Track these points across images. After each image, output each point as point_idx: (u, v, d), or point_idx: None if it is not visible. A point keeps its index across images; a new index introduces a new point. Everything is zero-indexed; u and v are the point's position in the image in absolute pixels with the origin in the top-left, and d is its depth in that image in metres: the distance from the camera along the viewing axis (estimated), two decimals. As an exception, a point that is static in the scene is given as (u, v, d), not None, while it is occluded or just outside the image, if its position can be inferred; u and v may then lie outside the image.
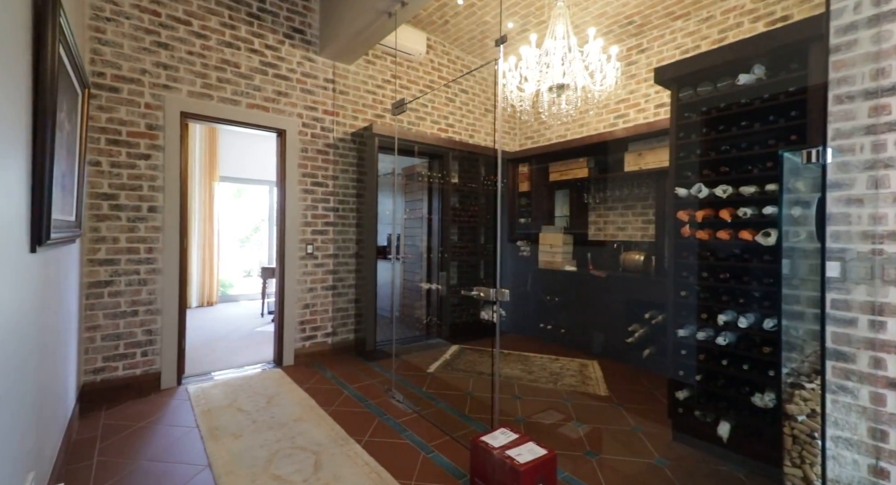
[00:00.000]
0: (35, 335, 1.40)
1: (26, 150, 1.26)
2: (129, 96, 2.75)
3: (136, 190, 2.78)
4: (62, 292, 1.90)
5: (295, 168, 3.47)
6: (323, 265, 3.63)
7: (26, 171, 1.25)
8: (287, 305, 3.43)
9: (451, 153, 4.13)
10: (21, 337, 1.25)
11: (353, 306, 3.82)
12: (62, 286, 1.90)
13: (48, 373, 1.61)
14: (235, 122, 3.18)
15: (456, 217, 4.25)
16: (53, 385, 1.73)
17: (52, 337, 1.68)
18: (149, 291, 2.82)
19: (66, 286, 2.04)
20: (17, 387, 1.20)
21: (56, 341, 1.77)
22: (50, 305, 1.63)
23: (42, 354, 1.50)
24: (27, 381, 1.32)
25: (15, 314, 1.18)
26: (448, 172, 4.11)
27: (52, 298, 1.66)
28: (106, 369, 2.67)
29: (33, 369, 1.38)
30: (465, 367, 3.39)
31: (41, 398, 1.50)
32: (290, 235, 3.44)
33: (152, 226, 2.84)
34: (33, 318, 1.37)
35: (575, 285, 3.92)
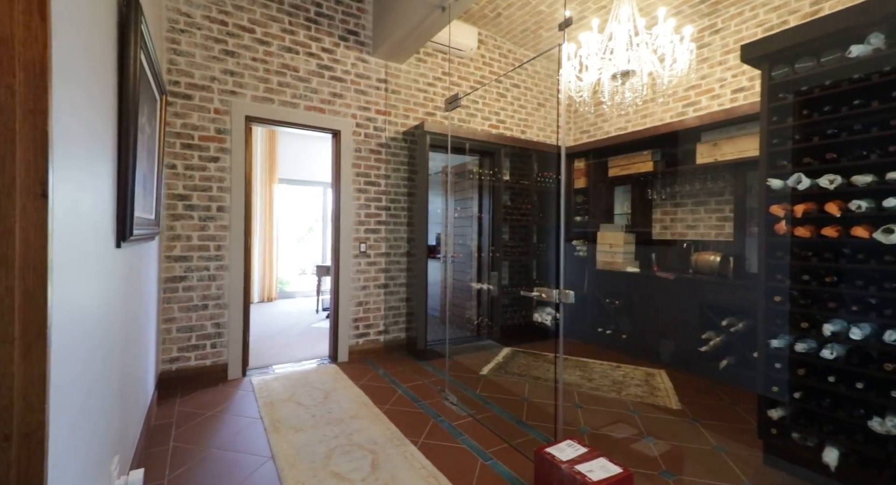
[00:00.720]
0: (120, 325, 1.49)
1: (112, 152, 1.33)
2: (201, 103, 2.92)
3: (206, 191, 2.94)
4: (143, 286, 2.03)
5: (349, 167, 3.52)
6: (375, 264, 3.66)
7: (112, 172, 1.32)
8: (341, 303, 3.50)
9: (503, 150, 4.01)
10: (108, 326, 1.32)
11: (404, 305, 3.82)
12: (143, 280, 2.03)
13: (131, 360, 1.71)
14: (294, 124, 3.28)
15: (507, 216, 4.12)
16: (136, 372, 1.85)
17: (134, 327, 1.78)
18: (217, 287, 2.98)
19: (147, 280, 2.18)
20: (105, 372, 1.27)
21: (138, 331, 1.88)
22: (132, 297, 1.73)
23: (126, 342, 1.59)
24: (113, 367, 1.39)
25: (103, 305, 1.25)
26: (500, 169, 4.00)
27: (133, 291, 1.77)
28: (180, 359, 2.85)
29: (118, 356, 1.46)
30: (519, 370, 3.26)
31: (125, 384, 1.60)
32: (344, 233, 3.50)
33: (220, 225, 2.99)
34: (118, 309, 1.45)
35: (638, 288, 3.65)
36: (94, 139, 1.12)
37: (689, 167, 3.48)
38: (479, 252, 4.15)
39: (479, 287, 3.91)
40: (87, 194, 1.07)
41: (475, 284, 3.96)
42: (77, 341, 1.00)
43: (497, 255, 3.99)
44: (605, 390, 2.87)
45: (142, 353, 2.03)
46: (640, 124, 4.15)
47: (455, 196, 4.62)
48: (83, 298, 1.05)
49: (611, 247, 3.87)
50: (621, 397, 2.76)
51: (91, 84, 1.09)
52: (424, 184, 3.64)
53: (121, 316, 1.49)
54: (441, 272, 4.76)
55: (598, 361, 3.48)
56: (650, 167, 3.69)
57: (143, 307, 2.04)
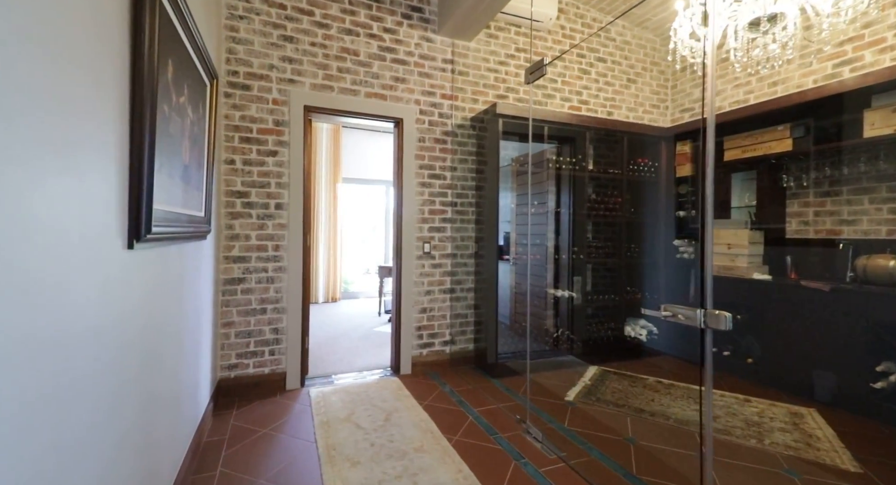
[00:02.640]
0: (140, 339, 1.23)
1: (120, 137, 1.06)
2: (259, 93, 2.74)
3: (264, 187, 2.76)
4: (188, 289, 1.82)
5: (412, 159, 3.18)
6: (440, 266, 3.28)
7: (119, 159, 1.04)
8: (404, 309, 3.16)
9: (588, 133, 3.42)
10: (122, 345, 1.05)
11: (471, 313, 3.39)
12: (189, 283, 1.82)
13: (162, 379, 1.47)
14: (354, 113, 3.01)
15: (591, 211, 3.52)
16: (172, 391, 1.62)
17: (169, 338, 1.55)
18: (276, 289, 2.79)
19: (197, 283, 1.99)
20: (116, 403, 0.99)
21: (176, 342, 1.66)
22: (163, 305, 1.49)
23: (150, 358, 1.34)
24: (130, 393, 1.13)
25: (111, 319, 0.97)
26: (584, 156, 3.42)
27: (167, 297, 1.53)
28: (239, 366, 2.69)
29: (134, 379, 1.19)
30: (614, 398, 2.67)
31: (151, 411, 1.34)
32: (406, 231, 3.16)
33: (278, 223, 2.80)
34: (138, 320, 1.19)
35: (770, 300, 2.86)
36: (88, 118, 0.83)
37: (850, 143, 2.64)
38: (556, 253, 3.60)
39: (560, 295, 3.36)
40: (68, 180, 0.77)
41: (553, 290, 3.41)
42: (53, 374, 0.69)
43: (580, 257, 3.41)
44: (739, 435, 2.19)
45: (185, 365, 1.81)
46: (768, 94, 3.31)
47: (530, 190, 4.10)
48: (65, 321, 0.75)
49: (729, 248, 3.11)
50: (765, 447, 2.08)
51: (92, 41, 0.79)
52: (495, 176, 3.19)
53: (141, 329, 1.23)
54: (511, 276, 4.27)
55: (718, 392, 2.77)
56: (788, 146, 2.87)
57: (189, 314, 1.83)
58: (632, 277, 3.62)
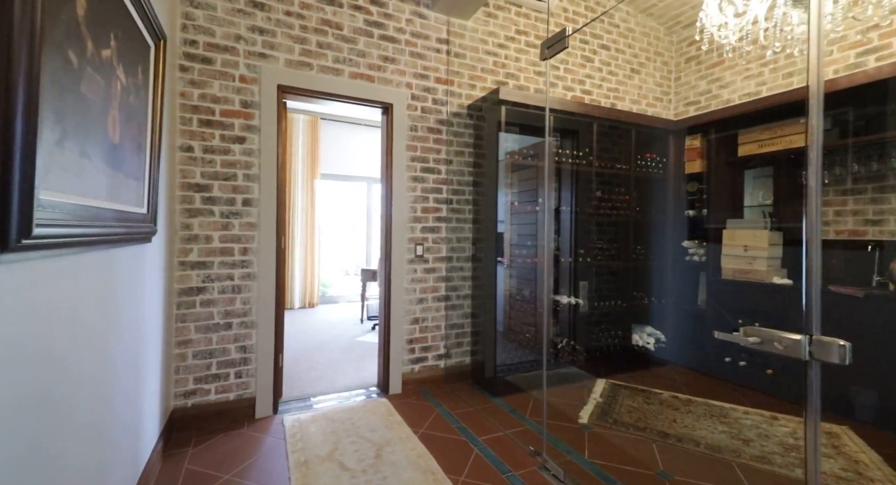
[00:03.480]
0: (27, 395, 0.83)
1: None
2: (223, 68, 2.31)
3: (229, 179, 2.34)
4: (124, 306, 1.40)
5: (402, 151, 2.81)
6: (434, 270, 2.93)
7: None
8: (394, 320, 2.79)
9: (595, 125, 3.14)
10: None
11: (468, 323, 3.06)
12: (124, 298, 1.41)
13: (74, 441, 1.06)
14: (337, 96, 2.62)
15: (597, 210, 3.24)
16: (94, 450, 1.20)
17: (86, 383, 1.14)
18: (243, 300, 2.37)
19: (138, 296, 1.57)
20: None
21: (98, 381, 1.24)
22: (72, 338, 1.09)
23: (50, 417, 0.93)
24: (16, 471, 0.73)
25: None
26: (591, 150, 3.13)
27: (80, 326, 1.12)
28: (198, 392, 2.26)
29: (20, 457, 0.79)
30: (632, 419, 2.39)
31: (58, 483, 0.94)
32: (397, 232, 2.80)
33: (247, 223, 2.38)
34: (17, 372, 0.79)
35: (792, 306, 2.65)
36: None
37: (879, 137, 2.44)
38: (557, 255, 3.31)
39: (565, 301, 3.07)
40: None
41: (557, 296, 3.11)
42: None
43: (587, 259, 3.13)
44: (780, 463, 1.94)
45: (119, 405, 1.40)
46: (783, 85, 3.11)
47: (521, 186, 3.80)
48: None
49: (746, 250, 2.88)
50: (812, 479, 1.83)
51: None
52: (494, 171, 2.87)
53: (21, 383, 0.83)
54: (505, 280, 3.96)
55: (740, 407, 2.53)
56: (811, 140, 2.66)
57: (128, 335, 1.42)
58: (638, 281, 3.37)
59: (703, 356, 3.15)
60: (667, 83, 3.93)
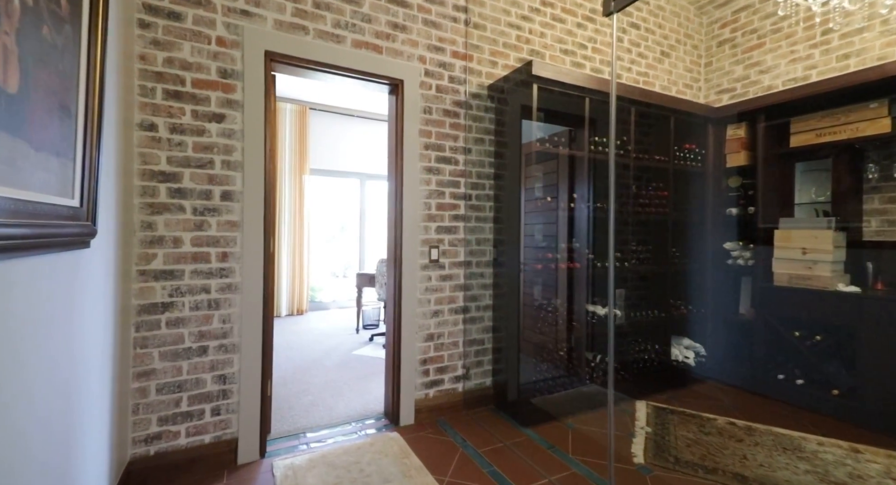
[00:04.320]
0: None
1: None
2: (196, 26, 1.84)
3: (204, 167, 1.87)
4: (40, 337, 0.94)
5: (415, 136, 2.38)
6: (451, 278, 2.51)
7: None
8: (405, 337, 2.36)
9: (633, 110, 2.76)
10: None
11: (489, 338, 2.64)
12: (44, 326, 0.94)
13: None
14: (338, 68, 2.16)
15: (633, 207, 2.87)
16: None
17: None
18: (222, 318, 1.90)
19: (65, 320, 1.10)
20: None
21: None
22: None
23: None
24: None
25: None
26: (629, 139, 2.75)
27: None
28: (163, 435, 1.78)
29: None
30: (695, 456, 2.00)
31: None
32: (408, 233, 2.36)
33: (227, 221, 1.91)
34: None
35: (861, 317, 2.32)
36: None
37: (972, 123, 2.12)
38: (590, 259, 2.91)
39: (602, 312, 2.68)
40: None
41: (593, 307, 2.72)
42: None
43: (626, 264, 2.75)
44: (895, 519, 1.58)
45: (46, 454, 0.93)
46: (837, 68, 2.79)
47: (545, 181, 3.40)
48: None
49: (804, 253, 2.54)
50: (943, 540, 1.47)
51: None
52: (517, 161, 2.47)
53: None
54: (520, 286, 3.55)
55: (812, 437, 2.18)
56: (884, 127, 2.33)
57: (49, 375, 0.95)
58: (675, 287, 3.00)
59: (751, 373, 2.80)
60: (697, 69, 3.59)
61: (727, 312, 3.04)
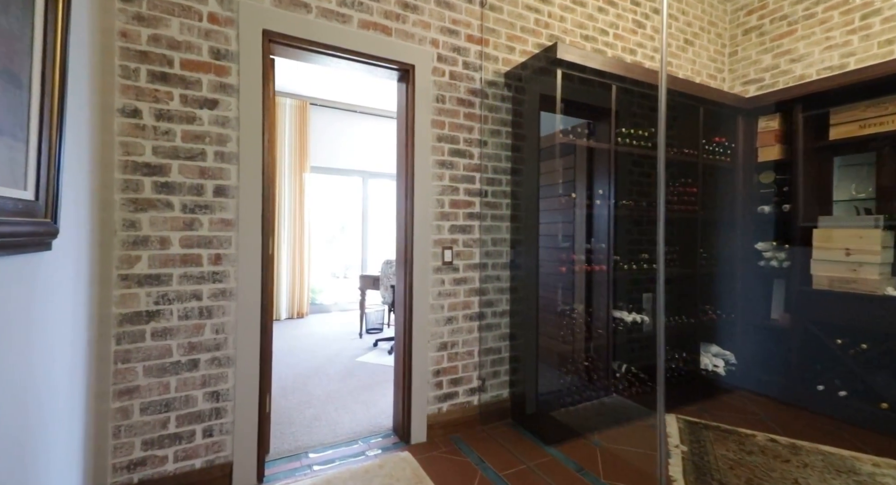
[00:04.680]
0: None
1: None
2: (186, 1, 1.64)
3: (195, 159, 1.67)
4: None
5: (427, 127, 2.18)
6: (466, 281, 2.31)
7: None
8: (416, 346, 2.16)
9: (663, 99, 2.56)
10: None
11: (506, 346, 2.44)
12: None
13: None
14: (343, 51, 1.96)
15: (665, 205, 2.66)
16: None
17: None
18: (215, 328, 1.70)
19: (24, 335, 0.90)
20: None
21: None
22: None
23: None
24: None
25: None
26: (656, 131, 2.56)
27: None
28: (148, 461, 1.58)
29: None
30: (741, 480, 1.80)
31: None
32: (419, 233, 2.16)
33: (221, 219, 1.71)
34: None
35: (917, 325, 2.12)
36: None
37: None
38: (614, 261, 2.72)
39: (629, 319, 2.48)
40: None
41: (619, 313, 2.52)
42: None
43: (655, 265, 2.55)
44: (985, 559, 1.38)
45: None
46: (878, 55, 2.59)
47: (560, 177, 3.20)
48: None
49: (848, 254, 2.35)
50: None
51: None
52: (535, 155, 2.28)
53: None
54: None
55: (864, 457, 1.98)
56: (940, 117, 2.14)
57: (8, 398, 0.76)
58: (703, 291, 2.81)
59: (787, 383, 2.61)
60: (721, 59, 3.40)
61: (758, 318, 2.85)
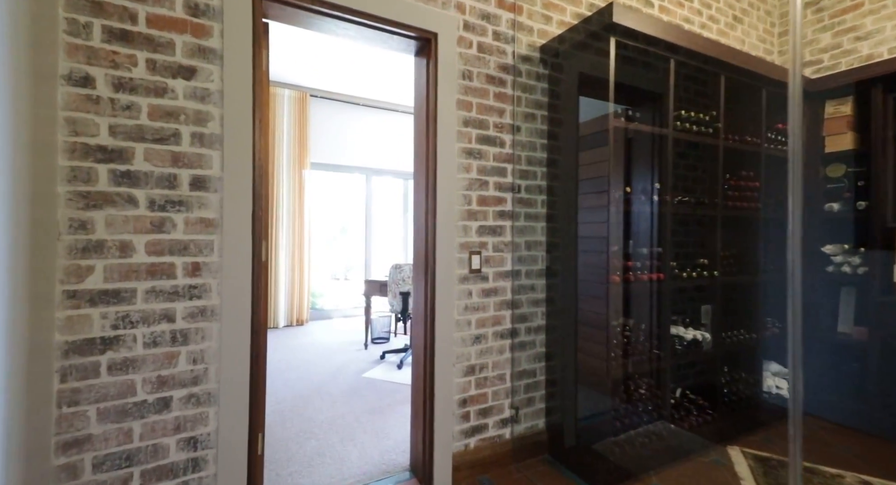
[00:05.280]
0: None
1: None
2: (151, -62, 1.28)
3: (166, 141, 1.31)
4: None
5: (451, 108, 1.82)
6: (496, 292, 1.95)
7: None
8: (439, 371, 1.79)
9: (722, 78, 2.21)
10: None
11: (541, 368, 2.08)
12: None
13: None
14: (352, 13, 1.60)
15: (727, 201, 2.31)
16: None
17: None
18: (192, 357, 1.34)
19: None
20: None
21: None
22: None
23: None
24: None
25: None
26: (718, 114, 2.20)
27: None
28: (102, 533, 1.22)
29: None
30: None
31: None
32: (443, 234, 1.80)
33: (199, 219, 1.35)
34: None
35: None
36: None
37: None
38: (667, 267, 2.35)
39: (690, 337, 2.11)
40: None
41: (678, 330, 2.16)
42: None
43: (715, 273, 2.19)
44: None
45: None
46: (975, 29, 2.23)
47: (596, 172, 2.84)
48: None
49: (947, 259, 1.99)
50: None
51: None
52: (574, 144, 1.93)
53: None
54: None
55: None
56: None
57: None
58: (766, 302, 2.44)
59: (866, 410, 2.25)
60: (770, 39, 3.04)
61: (822, 331, 2.49)
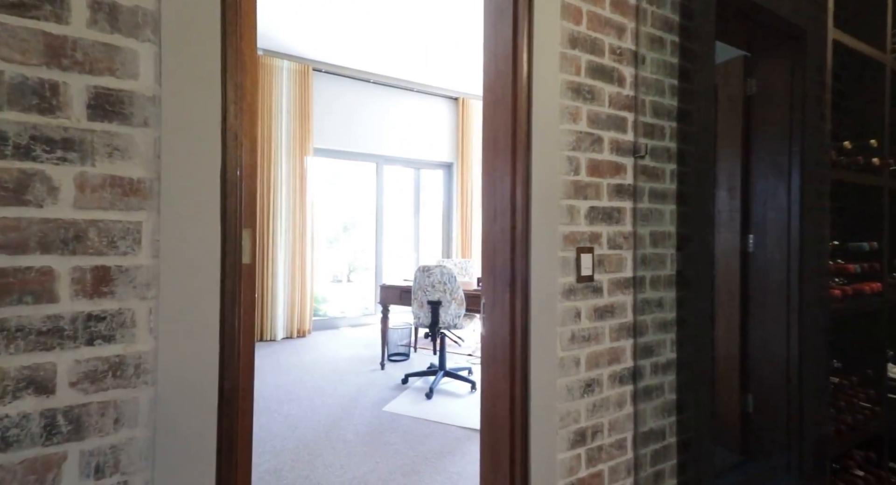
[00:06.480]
0: None
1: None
2: None
3: (27, 11, 0.60)
4: None
5: (555, 16, 1.12)
6: (613, 312, 1.25)
7: None
8: (536, 439, 1.09)
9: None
10: None
11: (671, 425, 1.38)
12: None
13: None
14: None
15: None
16: None
17: None
18: (88, 464, 0.63)
19: None
20: None
21: None
22: None
23: None
24: None
25: None
26: None
27: None
28: None
29: None
30: None
31: None
32: (539, 218, 1.10)
33: (109, 179, 0.65)
34: None
35: None
36: None
37: None
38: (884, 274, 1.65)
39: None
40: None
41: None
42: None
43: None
44: None
45: None
46: None
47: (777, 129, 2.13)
48: None
49: None
50: None
51: None
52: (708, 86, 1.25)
53: None
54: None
55: None
56: None
57: None
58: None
59: None
60: None
61: None
